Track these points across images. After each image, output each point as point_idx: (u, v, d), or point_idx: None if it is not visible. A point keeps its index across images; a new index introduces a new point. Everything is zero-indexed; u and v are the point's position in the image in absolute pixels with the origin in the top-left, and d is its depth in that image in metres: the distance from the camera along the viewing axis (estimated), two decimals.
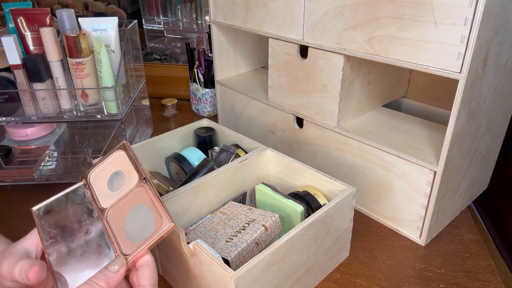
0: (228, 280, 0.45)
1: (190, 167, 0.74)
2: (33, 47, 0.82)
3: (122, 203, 0.51)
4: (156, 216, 0.47)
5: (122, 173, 0.53)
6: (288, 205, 0.61)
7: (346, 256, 0.66)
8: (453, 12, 0.51)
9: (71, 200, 0.54)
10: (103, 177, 0.54)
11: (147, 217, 0.47)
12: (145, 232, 0.46)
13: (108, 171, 0.54)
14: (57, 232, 0.50)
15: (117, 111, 0.83)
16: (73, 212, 0.53)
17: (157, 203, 0.48)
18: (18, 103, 0.83)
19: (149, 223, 0.47)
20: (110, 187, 0.53)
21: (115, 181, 0.53)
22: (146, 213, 0.48)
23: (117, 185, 0.52)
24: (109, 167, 0.55)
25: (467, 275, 0.62)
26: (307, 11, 0.70)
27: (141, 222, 0.47)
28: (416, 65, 0.57)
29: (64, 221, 0.52)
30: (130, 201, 0.50)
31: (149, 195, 0.49)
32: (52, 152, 0.92)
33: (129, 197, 0.50)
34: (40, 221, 0.51)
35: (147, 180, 0.50)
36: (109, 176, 0.54)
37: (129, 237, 0.47)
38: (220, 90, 1.03)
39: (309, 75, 0.75)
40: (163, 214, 0.46)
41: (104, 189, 0.53)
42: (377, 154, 0.69)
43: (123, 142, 0.55)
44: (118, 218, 0.49)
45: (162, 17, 1.47)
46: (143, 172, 0.51)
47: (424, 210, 0.65)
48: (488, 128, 0.68)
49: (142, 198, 0.49)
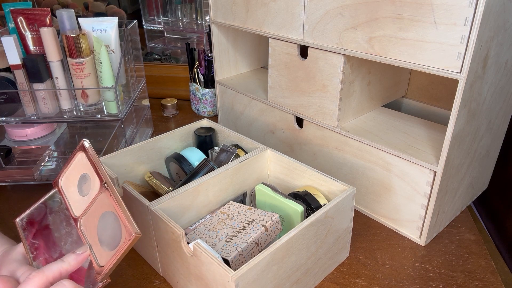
0: (228, 280, 0.45)
1: (190, 167, 0.74)
2: (33, 47, 0.82)
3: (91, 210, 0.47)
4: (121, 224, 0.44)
5: (88, 176, 0.49)
6: (288, 205, 0.61)
7: (346, 256, 0.66)
8: (453, 12, 0.51)
9: (50, 207, 0.52)
10: (72, 181, 0.51)
11: (115, 223, 0.44)
12: (116, 239, 0.44)
13: (75, 175, 0.51)
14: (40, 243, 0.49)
15: (117, 111, 0.83)
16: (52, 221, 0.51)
17: (120, 210, 0.44)
18: (18, 103, 0.83)
19: (118, 231, 0.44)
20: (80, 192, 0.50)
21: (83, 185, 0.50)
22: (113, 220, 0.45)
23: (86, 189, 0.49)
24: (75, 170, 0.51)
25: (467, 275, 0.62)
26: (307, 11, 0.70)
27: (111, 230, 0.45)
28: (416, 65, 0.57)
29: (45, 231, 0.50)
30: (98, 207, 0.47)
31: (111, 202, 0.45)
32: (52, 152, 0.92)
33: (96, 203, 0.47)
34: (24, 232, 0.50)
35: (108, 185, 0.46)
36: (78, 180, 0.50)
37: (103, 246, 0.45)
38: (220, 90, 1.03)
39: (309, 75, 0.75)
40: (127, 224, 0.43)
41: (75, 194, 0.50)
42: (377, 154, 0.69)
43: (82, 142, 0.50)
44: (91, 227, 0.47)
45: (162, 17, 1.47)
46: (103, 176, 0.47)
47: (424, 210, 0.65)
48: (488, 128, 0.68)
49: (107, 205, 0.46)
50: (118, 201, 0.45)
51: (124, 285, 0.61)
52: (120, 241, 0.43)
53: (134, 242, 0.42)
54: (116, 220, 0.44)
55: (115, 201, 0.45)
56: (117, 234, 0.44)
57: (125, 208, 0.44)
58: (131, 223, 0.43)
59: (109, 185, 0.46)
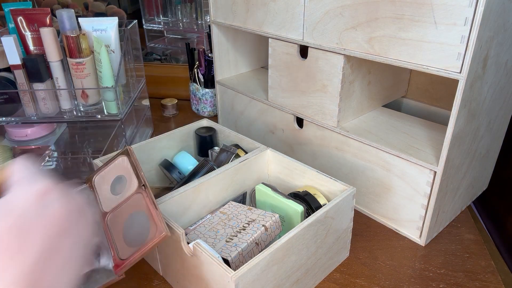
0: (228, 280, 0.45)
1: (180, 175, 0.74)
2: (33, 47, 0.82)
3: (122, 208, 0.51)
4: (151, 223, 0.47)
5: (124, 178, 0.53)
6: (288, 205, 0.61)
7: (346, 256, 0.66)
8: (453, 12, 0.51)
9: None
10: (107, 180, 0.55)
11: (144, 223, 0.48)
12: (141, 238, 0.47)
13: (111, 175, 0.55)
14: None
15: (117, 111, 0.83)
16: None
17: (154, 210, 0.48)
18: (18, 103, 0.83)
19: (145, 230, 0.47)
20: (113, 191, 0.53)
21: (117, 185, 0.54)
22: (143, 220, 0.48)
23: (119, 189, 0.53)
24: (113, 171, 0.55)
25: (467, 275, 0.62)
26: (307, 11, 0.70)
27: (138, 228, 0.48)
28: (416, 65, 0.57)
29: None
30: (129, 206, 0.51)
31: (146, 202, 0.49)
32: (52, 152, 0.92)
33: (128, 203, 0.51)
34: None
35: (146, 187, 0.50)
36: (112, 180, 0.54)
37: (127, 242, 0.48)
38: (220, 90, 1.03)
39: (309, 75, 0.75)
40: (158, 223, 0.47)
41: (107, 192, 0.54)
42: (377, 154, 0.69)
43: (127, 148, 0.56)
44: (118, 223, 0.50)
45: (162, 17, 1.47)
46: (143, 179, 0.51)
47: (424, 210, 0.65)
48: (488, 128, 0.68)
49: (140, 205, 0.50)
50: (153, 201, 0.49)
51: (124, 285, 0.61)
52: (146, 239, 0.46)
53: (162, 240, 0.46)
54: (145, 220, 0.48)
55: (151, 202, 0.49)
56: (144, 233, 0.47)
57: (159, 210, 0.48)
58: (163, 223, 0.47)
59: (147, 187, 0.51)
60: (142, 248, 0.46)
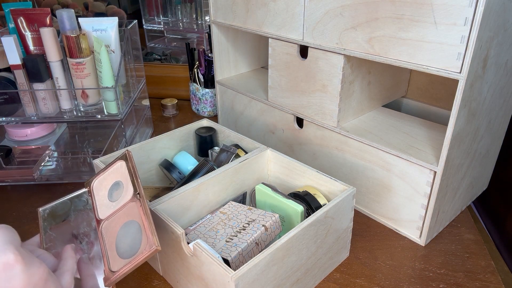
0: (228, 280, 0.45)
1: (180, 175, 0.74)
2: (33, 47, 0.82)
3: (117, 217, 0.49)
4: (143, 235, 0.45)
5: (121, 184, 0.52)
6: (288, 205, 0.61)
7: (346, 256, 0.66)
8: (453, 12, 0.51)
9: (75, 205, 0.53)
10: (105, 186, 0.53)
11: (137, 234, 0.46)
12: (133, 249, 0.45)
13: (109, 180, 0.53)
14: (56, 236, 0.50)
15: (117, 111, 0.83)
16: (74, 218, 0.52)
17: (146, 222, 0.46)
18: (18, 103, 0.83)
19: (137, 241, 0.45)
20: (110, 197, 0.52)
21: (114, 191, 0.52)
22: (136, 230, 0.46)
23: (116, 196, 0.51)
24: (111, 176, 0.54)
25: (467, 275, 0.62)
26: (307, 11, 0.70)
27: (130, 239, 0.46)
28: (416, 65, 0.57)
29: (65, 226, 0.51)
30: (123, 215, 0.49)
31: (139, 212, 0.47)
32: (52, 152, 0.92)
33: (123, 211, 0.49)
34: (43, 222, 0.51)
35: (141, 196, 0.48)
36: (110, 185, 0.53)
37: (119, 253, 0.46)
38: (220, 90, 1.03)
39: (309, 75, 0.75)
40: (150, 235, 0.45)
41: (104, 198, 0.52)
42: (377, 154, 0.69)
43: (126, 152, 0.54)
44: (111, 232, 0.48)
45: (162, 17, 1.47)
46: (138, 187, 0.50)
47: (424, 210, 0.65)
48: (488, 128, 0.68)
49: (134, 214, 0.48)
50: (146, 212, 0.47)
51: (124, 285, 0.61)
52: (137, 251, 0.44)
53: (152, 254, 0.44)
54: (138, 231, 0.46)
55: (144, 212, 0.47)
56: (136, 244, 0.45)
57: (151, 221, 0.46)
58: (154, 236, 0.44)
59: (142, 196, 0.48)
60: (132, 261, 0.44)
